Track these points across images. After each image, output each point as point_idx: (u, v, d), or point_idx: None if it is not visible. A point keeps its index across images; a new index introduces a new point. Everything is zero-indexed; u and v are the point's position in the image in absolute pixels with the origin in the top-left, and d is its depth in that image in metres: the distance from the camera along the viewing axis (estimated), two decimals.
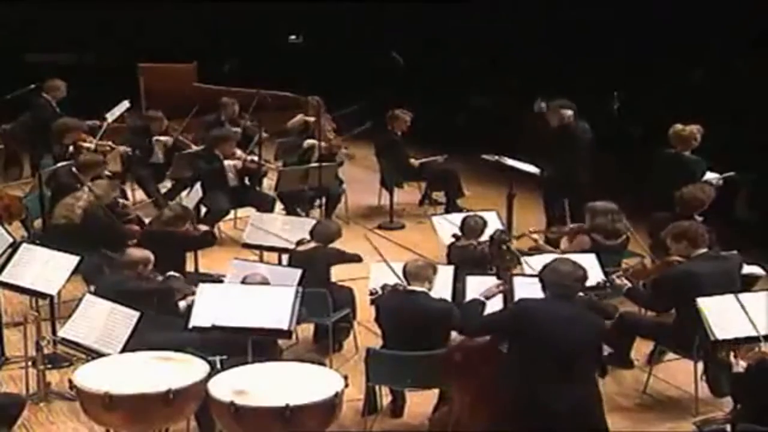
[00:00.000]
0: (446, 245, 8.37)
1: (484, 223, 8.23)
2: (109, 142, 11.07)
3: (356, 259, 8.18)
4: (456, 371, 6.22)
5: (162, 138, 11.43)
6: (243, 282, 6.99)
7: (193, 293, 7.24)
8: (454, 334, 6.59)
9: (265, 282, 6.95)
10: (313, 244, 8.02)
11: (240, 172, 10.75)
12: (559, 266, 5.92)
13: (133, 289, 7.10)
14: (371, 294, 7.13)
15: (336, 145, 11.48)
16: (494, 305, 6.58)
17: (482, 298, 6.47)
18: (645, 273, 7.50)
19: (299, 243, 8.20)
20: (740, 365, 5.99)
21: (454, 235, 8.37)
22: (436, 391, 6.80)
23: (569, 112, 9.90)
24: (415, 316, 6.60)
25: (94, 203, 8.85)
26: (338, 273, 8.23)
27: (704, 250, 7.21)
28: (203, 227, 8.92)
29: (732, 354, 6.11)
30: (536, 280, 6.11)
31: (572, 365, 5.67)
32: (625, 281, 7.31)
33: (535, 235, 8.77)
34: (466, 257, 7.89)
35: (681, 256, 7.22)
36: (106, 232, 8.72)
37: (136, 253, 7.50)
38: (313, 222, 8.54)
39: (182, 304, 7.31)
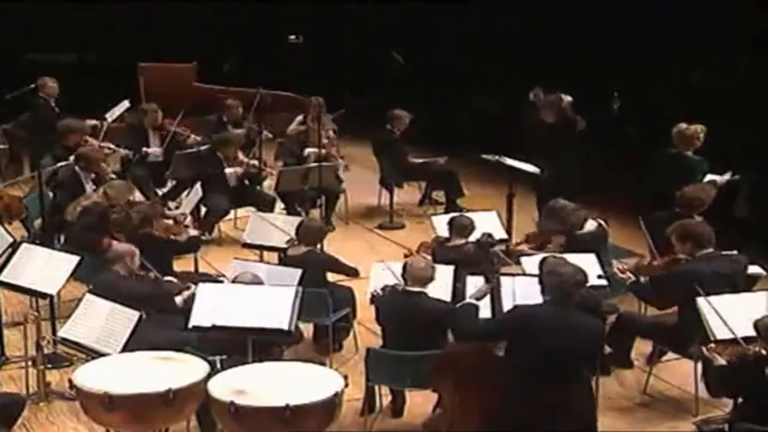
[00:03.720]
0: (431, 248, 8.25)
1: (472, 223, 8.16)
2: (111, 145, 11.06)
3: (352, 273, 8.10)
4: (447, 375, 6.22)
5: (150, 150, 11.35)
6: (234, 281, 6.98)
7: (189, 288, 7.25)
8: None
9: (256, 281, 6.93)
10: (303, 248, 7.97)
11: (241, 175, 10.76)
12: (559, 269, 5.89)
13: (126, 292, 7.07)
14: (372, 297, 7.13)
15: (333, 156, 11.46)
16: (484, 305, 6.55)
17: (474, 301, 6.37)
18: (650, 268, 7.48)
19: (289, 242, 8.19)
20: (719, 360, 5.98)
21: (438, 237, 8.31)
22: None
23: (568, 98, 9.90)
24: (414, 316, 6.61)
25: (101, 204, 8.81)
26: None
27: (710, 249, 7.21)
28: (193, 232, 8.82)
29: (707, 349, 6.11)
30: (534, 279, 6.10)
31: (566, 369, 5.67)
32: (629, 275, 7.31)
33: (521, 248, 8.75)
34: (454, 258, 7.72)
35: (686, 255, 7.22)
36: (88, 236, 8.45)
37: (121, 247, 7.54)
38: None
39: (178, 299, 7.33)
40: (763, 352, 5.81)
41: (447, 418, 6.38)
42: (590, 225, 8.24)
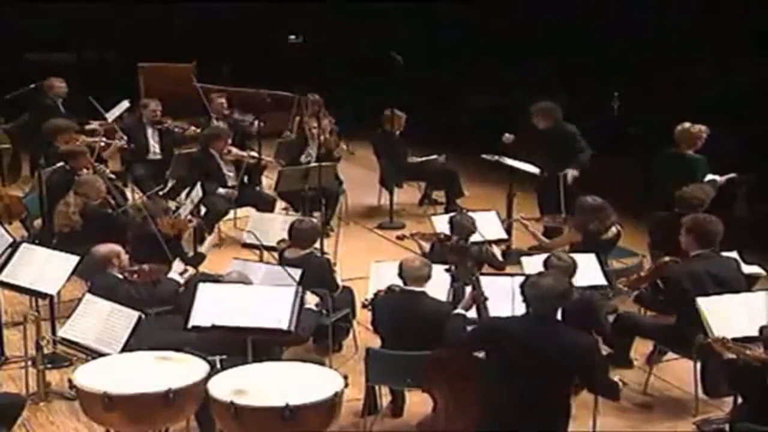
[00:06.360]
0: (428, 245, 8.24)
1: (473, 223, 8.13)
2: (104, 138, 11.03)
3: (333, 288, 7.89)
4: (437, 377, 6.20)
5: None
6: (218, 281, 6.97)
7: (186, 270, 7.32)
8: None
9: (243, 280, 6.92)
10: (301, 251, 7.92)
11: (238, 169, 10.74)
12: (540, 281, 5.71)
13: (126, 297, 7.07)
14: (363, 306, 7.14)
15: (335, 143, 11.47)
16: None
17: (462, 311, 6.35)
18: (641, 281, 7.46)
19: (281, 242, 8.17)
20: (727, 354, 5.97)
21: (439, 235, 8.29)
22: None
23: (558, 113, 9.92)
24: (413, 316, 6.61)
25: (88, 204, 8.81)
26: (338, 273, 8.22)
27: (707, 250, 7.21)
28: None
29: (713, 341, 6.10)
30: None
31: (534, 384, 5.50)
32: (630, 290, 7.32)
33: (526, 222, 8.77)
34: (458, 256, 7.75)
35: (684, 248, 7.22)
36: (108, 224, 8.61)
37: (102, 249, 7.50)
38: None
39: (179, 279, 7.34)
40: (765, 355, 5.82)
41: (441, 419, 6.37)
42: (612, 230, 8.26)
